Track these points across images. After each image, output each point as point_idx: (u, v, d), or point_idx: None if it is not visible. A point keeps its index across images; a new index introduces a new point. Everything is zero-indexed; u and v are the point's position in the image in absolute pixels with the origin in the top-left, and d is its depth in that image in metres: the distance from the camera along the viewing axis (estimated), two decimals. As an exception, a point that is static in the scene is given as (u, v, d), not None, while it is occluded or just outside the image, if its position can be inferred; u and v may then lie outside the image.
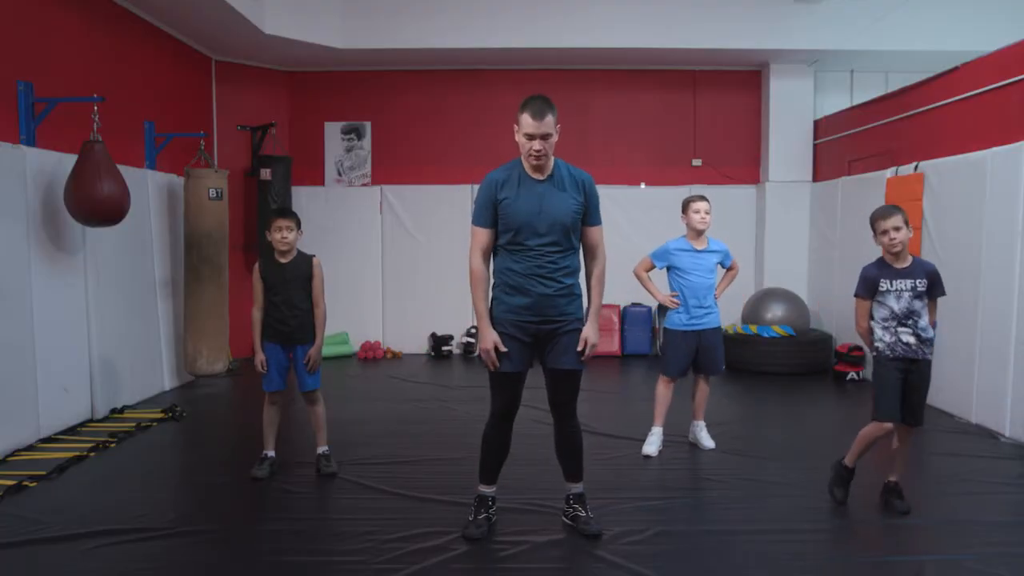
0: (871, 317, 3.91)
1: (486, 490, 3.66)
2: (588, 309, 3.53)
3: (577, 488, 3.69)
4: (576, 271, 3.51)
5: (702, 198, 4.88)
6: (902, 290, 3.80)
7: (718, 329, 4.96)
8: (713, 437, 5.04)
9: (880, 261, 3.91)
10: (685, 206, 4.92)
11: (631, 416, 5.85)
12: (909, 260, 3.85)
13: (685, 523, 3.77)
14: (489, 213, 3.43)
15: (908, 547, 3.54)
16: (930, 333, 3.83)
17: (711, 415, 5.22)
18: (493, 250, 3.52)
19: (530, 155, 3.36)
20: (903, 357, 3.81)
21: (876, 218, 3.86)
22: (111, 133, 5.51)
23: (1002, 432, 5.27)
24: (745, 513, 3.89)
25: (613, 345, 8.61)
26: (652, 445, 4.93)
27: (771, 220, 8.73)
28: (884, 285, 3.83)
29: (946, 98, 6.29)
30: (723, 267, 5.03)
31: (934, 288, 3.84)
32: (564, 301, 3.45)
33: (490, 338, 3.41)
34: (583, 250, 3.56)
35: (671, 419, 5.05)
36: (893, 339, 3.82)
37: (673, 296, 4.92)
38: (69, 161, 5.15)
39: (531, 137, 3.34)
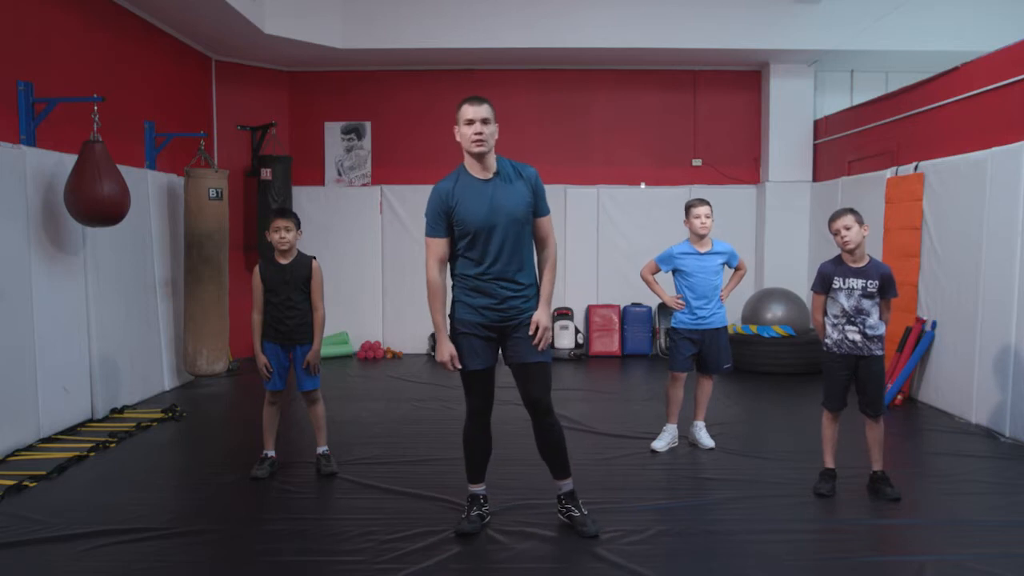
0: (826, 313, 4.17)
1: (476, 489, 3.71)
2: (539, 296, 3.56)
3: (567, 486, 3.69)
4: (532, 267, 3.57)
5: (703, 202, 4.89)
6: (853, 288, 4.04)
7: (722, 329, 4.97)
8: (713, 437, 5.04)
9: (837, 259, 4.15)
10: (687, 211, 4.93)
11: (631, 416, 5.85)
12: (866, 260, 4.09)
13: (685, 523, 3.76)
14: (443, 223, 3.49)
15: (908, 547, 3.54)
16: (878, 330, 4.06)
17: (711, 415, 5.22)
18: (451, 258, 3.57)
19: (472, 141, 3.41)
20: (848, 354, 4.08)
21: (830, 219, 4.11)
22: (111, 133, 5.51)
23: (1002, 432, 5.27)
24: (745, 513, 3.89)
25: (613, 345, 8.61)
26: (662, 441, 4.96)
27: (771, 220, 8.73)
28: (837, 283, 4.09)
29: (946, 98, 6.28)
30: (730, 267, 5.04)
31: (885, 289, 4.05)
32: (521, 300, 3.51)
33: (446, 351, 3.52)
34: (535, 241, 3.61)
35: (671, 419, 5.06)
36: (840, 336, 4.09)
37: (678, 298, 4.93)
38: (69, 161, 5.16)
39: (471, 122, 3.41)
